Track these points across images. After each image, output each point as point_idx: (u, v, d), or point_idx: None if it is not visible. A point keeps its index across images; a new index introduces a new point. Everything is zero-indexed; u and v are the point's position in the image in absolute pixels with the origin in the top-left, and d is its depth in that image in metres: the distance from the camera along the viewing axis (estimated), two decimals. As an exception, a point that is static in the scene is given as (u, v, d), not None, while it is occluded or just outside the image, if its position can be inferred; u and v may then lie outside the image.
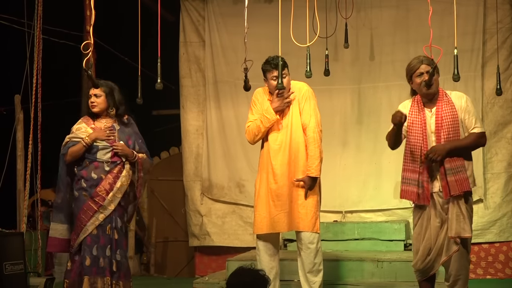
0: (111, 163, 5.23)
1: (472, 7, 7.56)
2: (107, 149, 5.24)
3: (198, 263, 8.47)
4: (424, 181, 4.72)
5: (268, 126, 5.39)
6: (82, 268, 5.13)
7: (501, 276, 7.52)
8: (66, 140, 5.30)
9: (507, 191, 7.51)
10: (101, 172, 5.20)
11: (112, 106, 5.33)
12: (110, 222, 5.19)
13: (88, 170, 5.22)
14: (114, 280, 5.18)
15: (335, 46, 7.53)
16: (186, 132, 8.46)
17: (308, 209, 5.28)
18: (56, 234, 5.29)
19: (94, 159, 5.22)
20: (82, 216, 5.16)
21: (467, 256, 4.73)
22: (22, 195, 7.18)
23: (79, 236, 5.15)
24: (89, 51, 4.77)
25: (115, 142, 5.25)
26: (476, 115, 4.77)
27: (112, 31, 8.57)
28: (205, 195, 8.29)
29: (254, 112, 5.49)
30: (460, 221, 4.61)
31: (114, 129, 5.32)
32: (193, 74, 8.44)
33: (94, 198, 5.16)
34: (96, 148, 5.23)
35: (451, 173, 4.63)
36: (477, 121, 4.75)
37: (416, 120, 4.78)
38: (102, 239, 5.16)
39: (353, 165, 7.85)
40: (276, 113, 5.36)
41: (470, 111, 4.74)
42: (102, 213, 5.16)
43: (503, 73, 7.15)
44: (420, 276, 4.86)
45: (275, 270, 5.41)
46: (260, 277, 3.58)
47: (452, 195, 4.63)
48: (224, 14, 8.28)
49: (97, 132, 5.25)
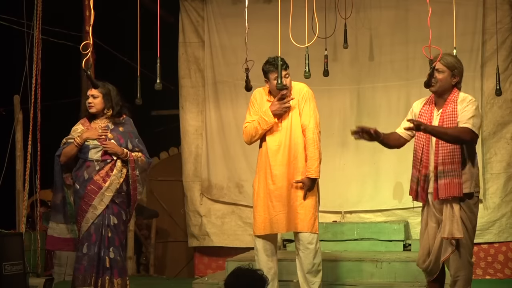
0: (101, 162, 5.28)
1: (471, 7, 7.56)
2: (97, 148, 5.29)
3: (197, 264, 8.47)
4: (421, 179, 4.73)
5: (265, 129, 5.37)
6: (81, 266, 5.22)
7: (500, 276, 7.52)
8: (63, 141, 5.38)
9: (506, 191, 7.51)
10: (92, 172, 5.27)
11: (109, 107, 5.36)
12: (103, 220, 5.24)
13: (81, 171, 5.30)
14: (108, 276, 5.22)
15: (334, 47, 7.53)
16: (185, 132, 8.46)
17: (306, 210, 5.28)
18: (53, 233, 5.40)
19: (86, 158, 5.29)
20: (77, 218, 5.29)
21: (466, 256, 4.70)
22: (21, 195, 7.17)
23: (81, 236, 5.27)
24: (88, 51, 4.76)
25: (105, 141, 5.28)
26: (473, 115, 4.60)
27: (111, 32, 8.56)
28: (205, 195, 8.29)
29: (252, 113, 5.48)
30: (453, 222, 4.58)
31: (107, 129, 5.35)
32: (192, 74, 8.44)
33: (84, 198, 5.24)
34: (87, 148, 5.29)
35: (442, 176, 4.61)
36: (470, 119, 4.58)
37: (423, 119, 4.77)
38: (93, 236, 5.22)
39: (352, 166, 7.85)
40: (275, 116, 5.35)
41: (469, 110, 4.61)
42: (93, 212, 5.22)
43: (502, 73, 7.15)
44: (427, 276, 4.89)
45: (273, 270, 5.41)
46: (258, 277, 3.58)
47: (439, 198, 4.62)
48: (223, 15, 8.28)
49: (88, 132, 5.32)
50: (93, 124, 5.39)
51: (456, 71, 4.71)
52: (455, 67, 4.71)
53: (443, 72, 4.69)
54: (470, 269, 4.75)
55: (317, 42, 5.10)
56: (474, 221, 4.72)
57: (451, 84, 4.72)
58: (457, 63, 4.73)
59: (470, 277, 4.75)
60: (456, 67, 4.71)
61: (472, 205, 4.69)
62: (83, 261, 5.19)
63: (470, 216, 4.68)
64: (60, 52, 8.57)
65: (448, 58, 4.69)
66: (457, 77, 4.73)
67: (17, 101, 7.48)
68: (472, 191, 4.65)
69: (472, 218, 4.69)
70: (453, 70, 4.70)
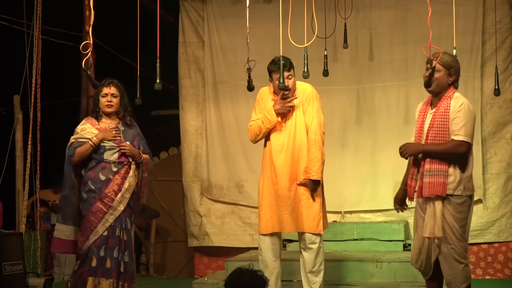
0: (118, 164, 5.20)
1: (471, 7, 7.55)
2: (114, 149, 5.20)
3: (197, 264, 8.47)
4: (409, 178, 4.78)
5: (269, 127, 5.37)
6: (87, 268, 5.09)
7: (500, 276, 7.51)
8: (72, 141, 5.24)
9: (506, 191, 7.51)
10: (108, 173, 5.17)
11: (122, 108, 5.31)
12: (120, 223, 5.17)
13: (96, 171, 5.18)
14: (121, 281, 5.15)
15: (334, 47, 7.54)
16: (185, 132, 8.46)
17: (310, 210, 5.28)
18: (61, 235, 5.24)
19: (101, 159, 5.19)
20: (91, 218, 5.12)
21: (454, 256, 4.63)
22: (21, 195, 7.17)
23: (89, 238, 5.10)
24: (89, 51, 4.77)
25: (122, 142, 5.22)
26: (465, 122, 4.60)
27: (111, 31, 8.56)
28: (205, 195, 8.29)
29: (257, 111, 5.48)
30: (434, 221, 4.58)
31: (119, 130, 5.30)
32: (192, 74, 8.44)
33: (103, 199, 5.12)
34: (103, 149, 5.19)
35: (428, 175, 4.62)
36: (462, 128, 4.59)
37: (419, 118, 4.81)
38: (111, 240, 5.13)
39: (352, 166, 7.85)
40: (278, 115, 5.35)
41: (460, 116, 4.60)
42: (112, 214, 5.12)
43: (502, 73, 7.16)
44: (423, 276, 4.90)
45: (277, 270, 5.42)
46: (259, 278, 3.59)
47: (423, 196, 4.64)
48: (223, 15, 8.28)
49: (104, 132, 5.20)
50: (101, 124, 5.28)
51: (453, 70, 4.71)
52: (451, 65, 4.70)
53: (439, 71, 4.68)
54: (460, 269, 4.64)
55: (317, 42, 5.11)
56: (462, 222, 4.63)
57: (448, 83, 4.72)
58: (453, 62, 4.72)
59: (461, 276, 4.66)
60: (452, 66, 4.70)
61: (458, 205, 4.62)
62: (99, 264, 5.07)
63: (457, 216, 4.61)
64: (60, 52, 8.56)
65: (444, 57, 4.68)
66: (453, 76, 4.72)
67: (17, 101, 7.47)
68: (458, 194, 4.61)
69: (459, 218, 4.62)
70: (449, 69, 4.69)
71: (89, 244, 5.10)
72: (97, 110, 5.32)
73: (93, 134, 5.20)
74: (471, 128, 4.64)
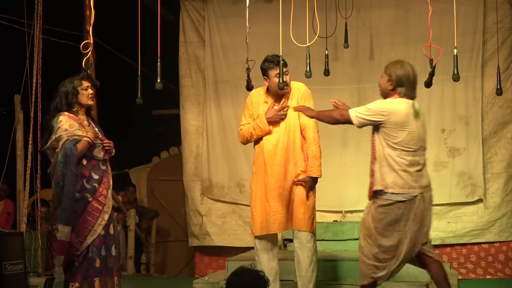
0: (103, 161, 5.11)
1: (472, 7, 7.56)
2: (100, 146, 5.08)
3: (198, 263, 8.48)
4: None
5: (260, 135, 5.33)
6: (91, 269, 4.99)
7: (501, 276, 7.52)
8: (65, 139, 4.95)
9: (507, 191, 7.51)
10: (99, 171, 5.06)
11: None
12: (112, 221, 5.12)
13: (89, 170, 5.02)
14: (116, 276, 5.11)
15: (335, 46, 7.53)
16: (186, 132, 8.46)
17: (305, 209, 5.26)
18: (66, 238, 4.97)
19: (92, 157, 5.05)
20: (88, 218, 4.98)
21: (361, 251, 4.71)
22: (22, 195, 7.17)
23: (86, 238, 4.96)
24: (89, 50, 4.78)
25: (105, 139, 5.12)
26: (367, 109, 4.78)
27: (112, 31, 8.56)
28: (205, 195, 8.29)
29: (247, 115, 5.43)
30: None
31: (94, 126, 5.15)
32: (193, 74, 8.45)
33: (97, 198, 5.02)
34: (94, 146, 5.04)
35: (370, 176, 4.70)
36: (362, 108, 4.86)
37: None
38: (108, 239, 5.06)
39: (352, 165, 7.84)
40: (269, 124, 5.30)
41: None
42: (106, 212, 5.04)
43: (503, 73, 7.16)
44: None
45: (275, 270, 5.39)
46: (260, 278, 3.58)
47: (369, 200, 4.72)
48: (224, 14, 8.28)
49: (92, 129, 5.08)
50: (78, 120, 5.08)
51: (393, 77, 4.63)
52: (390, 72, 4.65)
53: (382, 77, 4.72)
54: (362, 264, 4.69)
55: (317, 42, 5.11)
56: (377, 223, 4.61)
57: (389, 89, 4.68)
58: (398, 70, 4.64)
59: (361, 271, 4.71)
60: (392, 72, 4.64)
61: (378, 203, 4.62)
62: (103, 264, 5.01)
63: (375, 215, 4.62)
64: (61, 52, 8.57)
65: (389, 64, 4.69)
66: (392, 83, 4.65)
67: (17, 101, 7.48)
68: (381, 189, 4.59)
69: (377, 218, 4.61)
70: (389, 75, 4.66)
71: (87, 244, 4.97)
72: (72, 104, 5.06)
73: (82, 130, 5.00)
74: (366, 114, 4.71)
